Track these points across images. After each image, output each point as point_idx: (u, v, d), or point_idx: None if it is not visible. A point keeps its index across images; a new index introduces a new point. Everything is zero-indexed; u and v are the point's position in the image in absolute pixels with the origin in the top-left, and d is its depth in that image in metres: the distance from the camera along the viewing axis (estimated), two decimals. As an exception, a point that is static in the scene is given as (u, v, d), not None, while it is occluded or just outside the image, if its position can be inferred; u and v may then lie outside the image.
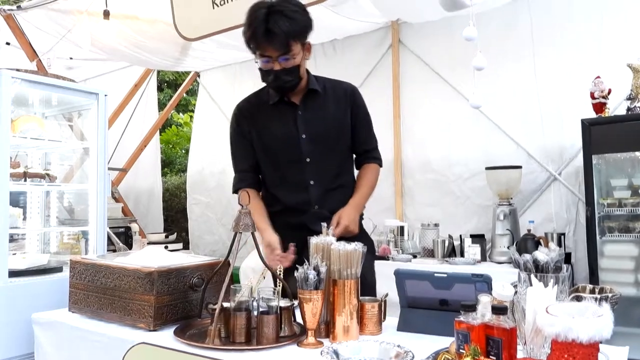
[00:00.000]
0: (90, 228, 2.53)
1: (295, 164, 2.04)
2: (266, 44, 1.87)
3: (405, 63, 4.41)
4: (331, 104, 2.08)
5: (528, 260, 1.29)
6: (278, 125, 2.06)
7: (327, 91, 2.10)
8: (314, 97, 2.07)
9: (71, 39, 4.26)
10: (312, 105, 2.06)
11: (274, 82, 1.96)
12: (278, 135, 2.06)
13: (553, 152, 3.76)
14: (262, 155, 2.11)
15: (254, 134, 2.09)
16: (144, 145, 5.87)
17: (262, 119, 2.08)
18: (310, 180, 2.05)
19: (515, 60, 3.86)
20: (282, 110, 2.06)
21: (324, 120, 2.06)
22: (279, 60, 1.90)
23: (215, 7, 3.13)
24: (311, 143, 2.03)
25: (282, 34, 1.85)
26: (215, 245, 5.51)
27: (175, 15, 3.34)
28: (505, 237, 3.50)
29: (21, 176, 2.34)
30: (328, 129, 2.06)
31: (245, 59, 5.28)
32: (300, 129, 2.04)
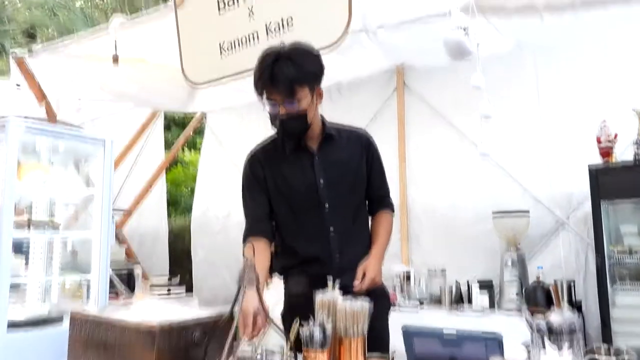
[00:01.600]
0: (92, 277, 2.50)
1: (314, 210, 2.01)
2: (271, 88, 1.89)
3: (410, 106, 4.43)
4: (347, 150, 2.08)
5: (541, 323, 1.25)
6: (295, 171, 2.04)
7: (343, 137, 2.09)
8: (330, 142, 2.06)
9: (80, 81, 4.32)
10: (329, 151, 2.05)
11: (280, 127, 1.96)
12: (295, 181, 2.03)
13: (560, 197, 3.73)
14: (279, 203, 2.06)
15: (270, 182, 2.05)
16: (150, 186, 5.87)
17: (278, 166, 2.06)
18: (330, 226, 2.01)
19: (521, 104, 3.88)
20: (298, 157, 2.04)
21: (341, 166, 2.05)
22: (284, 105, 1.90)
23: (222, 54, 3.18)
24: (329, 188, 2.01)
25: (286, 79, 1.87)
26: (219, 289, 5.43)
27: (184, 62, 3.39)
28: (513, 284, 3.43)
29: (25, 224, 2.33)
30: (345, 175, 2.05)
31: (252, 101, 5.31)
32: (318, 174, 2.01)
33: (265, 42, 2.98)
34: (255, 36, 2.99)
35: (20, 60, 4.45)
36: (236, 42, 3.08)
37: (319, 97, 2.00)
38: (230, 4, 3.07)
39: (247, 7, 2.98)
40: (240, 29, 3.05)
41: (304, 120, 1.95)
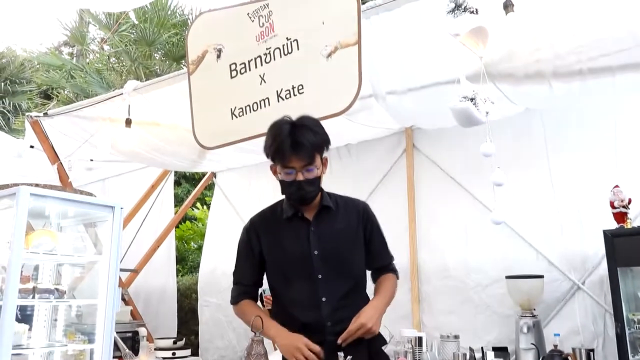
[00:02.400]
0: (97, 345, 2.44)
1: (307, 279, 2.04)
2: (293, 156, 1.97)
3: (419, 167, 4.44)
4: (343, 221, 2.12)
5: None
6: (290, 241, 2.09)
7: (340, 208, 2.15)
8: (327, 213, 2.12)
9: (93, 142, 4.39)
10: (325, 221, 2.10)
11: (297, 193, 2.02)
12: (290, 251, 2.09)
13: (575, 261, 3.65)
14: (275, 270, 2.13)
15: (265, 249, 2.12)
16: (157, 246, 5.85)
17: (275, 234, 2.13)
18: (323, 297, 2.03)
19: (531, 167, 3.87)
20: (295, 226, 2.11)
21: (336, 237, 2.09)
22: (302, 172, 1.99)
23: (234, 117, 3.23)
24: (323, 260, 2.04)
25: (308, 145, 1.97)
26: (225, 350, 5.30)
27: (195, 125, 3.44)
28: (530, 352, 3.31)
29: (30, 292, 2.30)
30: (340, 245, 2.08)
31: (261, 161, 5.37)
32: (313, 245, 2.05)
33: (276, 107, 3.03)
34: (267, 102, 3.04)
35: (35, 122, 4.56)
36: (247, 107, 3.14)
37: (325, 168, 2.11)
38: (243, 71, 3.14)
39: (259, 74, 3.05)
40: (252, 95, 3.11)
41: (318, 185, 2.06)
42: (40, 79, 11.44)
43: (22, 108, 11.21)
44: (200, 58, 3.39)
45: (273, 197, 5.37)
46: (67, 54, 13.44)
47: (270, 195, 5.42)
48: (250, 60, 3.11)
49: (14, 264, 2.15)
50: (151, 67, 9.59)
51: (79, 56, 12.66)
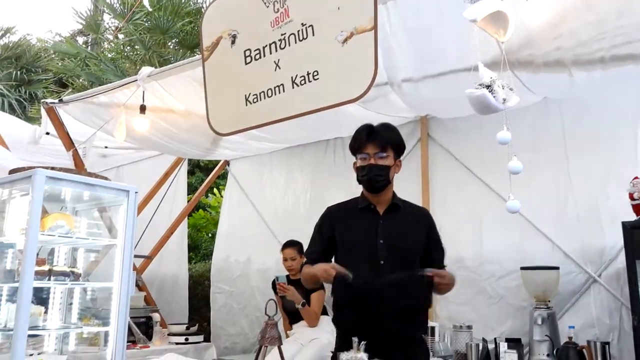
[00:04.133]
0: (111, 328, 2.46)
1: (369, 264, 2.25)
2: (367, 142, 2.29)
3: (434, 157, 4.40)
4: (409, 222, 2.37)
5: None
6: (360, 228, 2.34)
7: (407, 209, 2.41)
8: (395, 211, 2.36)
9: (108, 129, 4.41)
10: (393, 218, 2.33)
11: (367, 175, 2.27)
12: (358, 236, 2.33)
13: (591, 253, 3.61)
14: (343, 252, 2.36)
15: (337, 234, 2.37)
16: (171, 232, 5.89)
17: (347, 222, 2.39)
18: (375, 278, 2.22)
19: (548, 158, 3.82)
20: (366, 216, 2.35)
21: (401, 231, 2.31)
22: (374, 156, 2.27)
23: (248, 104, 3.21)
24: (386, 248, 2.25)
25: (383, 133, 2.31)
26: (237, 337, 5.34)
27: (209, 112, 3.43)
28: (544, 343, 3.28)
29: (46, 274, 2.32)
30: (403, 239, 2.30)
31: (274, 149, 5.38)
32: (380, 235, 2.28)
33: (290, 93, 3.01)
34: (281, 88, 3.02)
35: (51, 109, 4.58)
36: (262, 94, 3.11)
37: (397, 167, 2.36)
38: (257, 57, 3.12)
39: (274, 60, 3.03)
40: (266, 81, 3.09)
41: (387, 174, 2.30)
42: (55, 68, 11.50)
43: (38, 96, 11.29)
44: (214, 44, 3.37)
45: (285, 185, 5.47)
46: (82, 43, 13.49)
47: (283, 184, 5.45)
48: (265, 46, 3.09)
49: (30, 246, 2.16)
50: (165, 56, 9.59)
51: (93, 45, 12.71)
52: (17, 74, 11.39)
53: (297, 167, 5.32)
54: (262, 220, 5.44)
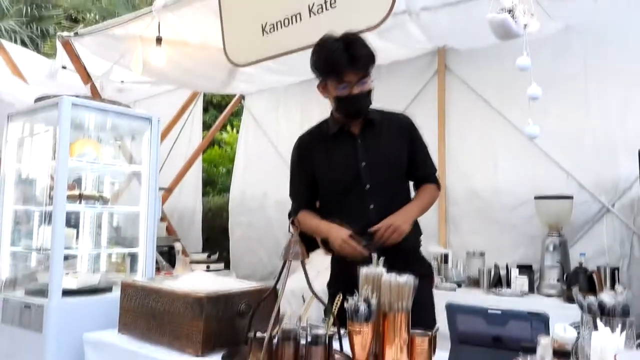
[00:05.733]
0: (140, 250, 2.58)
1: (355, 190, 2.10)
2: (349, 69, 1.99)
3: (451, 89, 4.37)
4: (388, 134, 2.15)
5: (593, 302, 1.23)
6: (339, 154, 2.15)
7: (384, 122, 2.17)
8: (371, 127, 2.14)
9: (124, 63, 4.42)
10: (371, 135, 2.14)
11: (353, 107, 2.06)
12: (338, 163, 2.14)
13: (606, 183, 3.63)
14: (324, 183, 2.18)
15: (316, 165, 2.18)
16: (190, 165, 5.99)
17: (323, 150, 2.18)
18: (371, 204, 2.09)
19: (567, 88, 3.77)
20: (342, 140, 2.15)
21: (382, 149, 2.13)
22: (357, 85, 2.01)
23: (265, 34, 3.19)
24: (370, 171, 2.10)
25: (365, 58, 2.01)
26: (256, 266, 5.54)
27: (226, 42, 3.41)
28: (554, 269, 3.38)
29: (76, 198, 2.42)
30: (387, 158, 2.13)
31: (290, 82, 5.36)
32: (360, 157, 2.10)
33: (307, 22, 2.98)
34: (298, 17, 2.99)
35: (67, 41, 4.58)
36: (278, 23, 3.08)
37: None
38: (274, -16, 3.07)
39: (291, -13, 2.98)
40: (283, 10, 3.05)
41: (369, 98, 2.08)
42: (66, 3, 11.34)
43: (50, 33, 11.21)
44: (230, -28, 3.31)
45: (301, 119, 5.48)
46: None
47: (299, 118, 5.47)
48: (282, -27, 3.04)
49: (61, 170, 2.24)
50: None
51: (103, -22, 12.45)
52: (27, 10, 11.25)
53: (312, 101, 5.30)
54: (278, 154, 5.50)
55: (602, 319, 1.21)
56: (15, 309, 2.35)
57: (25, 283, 2.55)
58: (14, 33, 10.74)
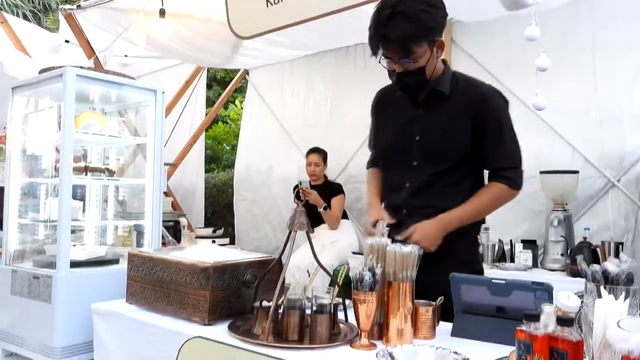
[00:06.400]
0: (146, 222, 2.60)
1: (401, 164, 1.95)
2: (387, 45, 1.79)
3: (457, 63, 4.31)
4: (454, 110, 1.88)
5: (597, 271, 1.23)
6: (397, 121, 1.99)
7: (456, 94, 1.89)
8: (438, 98, 1.90)
9: (127, 37, 4.39)
10: (434, 108, 1.91)
11: (398, 84, 1.89)
12: (394, 131, 1.99)
13: (612, 158, 3.61)
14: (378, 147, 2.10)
15: (377, 125, 2.10)
16: (194, 141, 5.99)
17: (388, 111, 2.04)
18: (407, 182, 1.93)
19: (574, 62, 3.73)
20: (405, 107, 1.97)
21: (442, 126, 1.89)
22: (400, 62, 1.81)
23: (269, 5, 3.15)
24: (423, 147, 1.90)
25: (399, 39, 1.76)
26: (261, 241, 5.57)
27: (230, 14, 3.38)
28: (559, 244, 3.39)
29: (82, 170, 2.43)
30: (443, 137, 1.88)
31: (295, 57, 5.32)
32: (416, 130, 1.92)
33: (312, -7, 2.94)
34: (303, -13, 2.95)
35: (69, 15, 4.54)
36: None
37: (439, 50, 1.84)
38: (278, -46, 3.02)
39: (296, -44, 2.94)
40: (288, -20, 3.02)
41: (421, 76, 1.83)
42: (67, -24, 11.21)
43: (52, 7, 11.12)
44: (234, -58, 3.27)
45: (306, 94, 5.45)
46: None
47: (303, 93, 5.44)
48: (286, -58, 2.99)
49: (67, 142, 2.25)
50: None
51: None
52: (29, -16, 11.14)
53: (317, 75, 5.28)
54: (282, 129, 5.50)
55: (606, 287, 1.22)
56: (24, 280, 2.39)
57: (34, 255, 2.57)
58: (15, 7, 10.66)
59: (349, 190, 4.54)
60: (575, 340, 1.13)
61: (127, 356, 1.83)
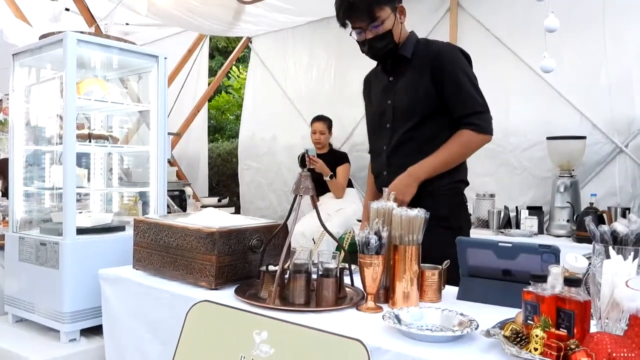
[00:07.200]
0: (151, 189, 2.59)
1: (380, 130, 2.07)
2: (354, 17, 1.92)
3: (463, 28, 4.25)
4: (415, 70, 1.98)
5: (606, 231, 1.22)
6: (376, 92, 2.13)
7: (417, 56, 1.99)
8: (402, 63, 2.02)
9: (128, 4, 4.32)
10: (400, 73, 2.03)
11: (369, 52, 1.99)
12: (374, 102, 2.13)
13: (620, 123, 3.57)
14: (367, 123, 2.22)
15: (368, 101, 2.23)
16: (197, 111, 5.96)
17: (371, 88, 2.19)
18: (384, 145, 2.05)
19: (583, 26, 3.65)
20: (381, 78, 2.11)
21: (408, 88, 1.99)
22: (370, 30, 1.92)
23: (271, -31, 3.08)
24: (395, 111, 2.02)
25: (363, 5, 1.88)
26: (266, 210, 5.59)
27: (231, -22, 3.31)
28: (565, 210, 3.37)
29: (86, 137, 2.42)
30: (411, 98, 1.97)
31: (297, 23, 5.24)
32: (389, 95, 2.05)
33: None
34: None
35: (69, -19, 4.46)
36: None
37: (401, 14, 1.98)
38: None
39: None
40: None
41: (390, 39, 1.95)
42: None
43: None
44: None
45: (309, 61, 5.37)
46: None
47: (307, 61, 5.37)
48: None
49: (69, 108, 2.22)
50: None
51: None
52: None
53: (320, 43, 5.20)
54: (286, 97, 5.45)
55: (615, 248, 1.21)
56: (31, 247, 2.40)
57: (41, 223, 2.59)
58: (14, -24, 10.46)
59: (354, 158, 4.53)
60: (583, 300, 1.13)
61: (135, 320, 1.85)
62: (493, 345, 1.20)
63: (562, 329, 1.13)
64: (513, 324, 1.19)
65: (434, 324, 1.34)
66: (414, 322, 1.35)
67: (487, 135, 1.99)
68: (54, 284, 2.27)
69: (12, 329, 2.48)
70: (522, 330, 1.15)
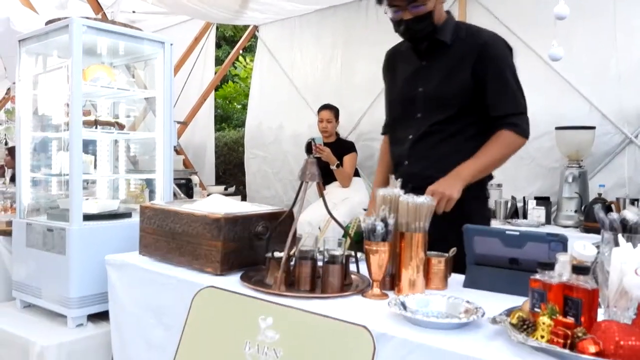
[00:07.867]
0: (157, 176, 2.60)
1: (406, 117, 1.96)
2: None
3: (472, 16, 4.20)
4: (455, 59, 1.86)
5: (615, 219, 1.21)
6: (402, 75, 2.00)
7: (457, 43, 1.87)
8: (440, 48, 1.88)
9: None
10: (436, 58, 1.90)
11: (406, 33, 1.86)
12: (400, 85, 2.00)
13: (630, 114, 3.53)
14: (388, 104, 2.11)
15: (387, 83, 2.11)
16: (204, 100, 5.96)
17: (396, 68, 2.05)
18: (410, 135, 1.93)
19: (593, 16, 3.61)
20: (410, 61, 1.97)
21: (443, 76, 1.87)
22: (409, 9, 1.79)
23: (278, -45, 3.06)
24: (426, 99, 1.90)
25: None
26: (272, 199, 5.59)
27: (238, -35, 3.29)
28: (573, 200, 3.35)
29: (92, 124, 2.42)
30: (447, 87, 1.87)
31: (304, 11, 5.20)
32: (420, 81, 1.92)
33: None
34: None
35: (76, -31, 4.45)
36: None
37: None
38: None
39: None
40: None
41: (430, 22, 1.82)
42: None
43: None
44: None
45: (315, 49, 5.35)
46: None
47: (313, 48, 5.34)
48: None
49: (76, 94, 2.22)
50: None
51: None
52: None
53: (328, 31, 5.17)
54: (293, 86, 5.43)
55: (624, 236, 1.19)
56: (38, 233, 2.41)
57: (48, 209, 2.60)
58: (22, -36, 10.46)
59: (361, 147, 4.51)
60: (591, 288, 1.11)
61: (141, 306, 1.86)
62: (499, 332, 1.19)
63: (570, 317, 1.12)
64: (520, 311, 1.18)
65: (440, 311, 1.34)
66: (420, 308, 1.34)
67: (526, 139, 1.91)
68: (61, 269, 2.28)
69: (20, 314, 2.50)
70: (528, 317, 1.15)
